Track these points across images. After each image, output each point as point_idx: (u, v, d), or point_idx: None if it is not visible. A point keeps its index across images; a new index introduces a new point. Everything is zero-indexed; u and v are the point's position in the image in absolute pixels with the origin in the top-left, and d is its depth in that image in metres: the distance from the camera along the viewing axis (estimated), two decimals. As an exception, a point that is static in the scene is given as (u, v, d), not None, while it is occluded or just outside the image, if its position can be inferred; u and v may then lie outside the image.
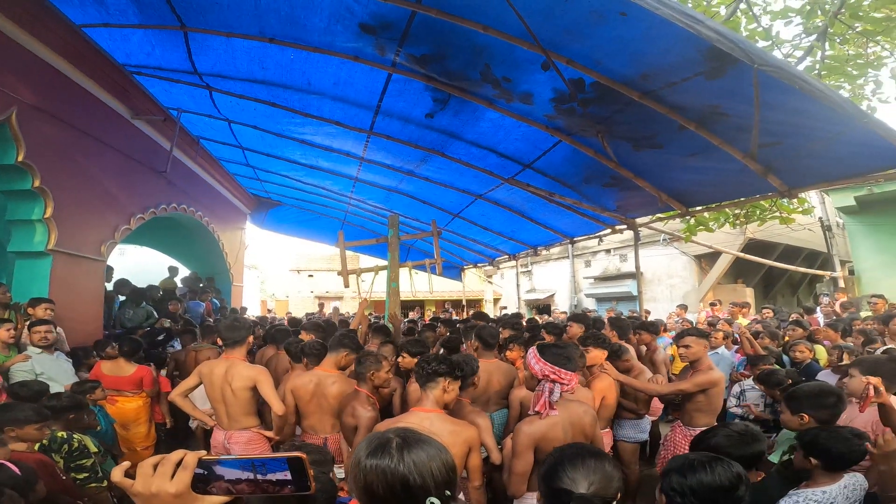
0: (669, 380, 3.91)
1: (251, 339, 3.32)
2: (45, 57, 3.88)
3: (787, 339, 4.97)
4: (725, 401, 3.70)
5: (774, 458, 2.44)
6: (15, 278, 4.13)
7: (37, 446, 2.43)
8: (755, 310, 8.84)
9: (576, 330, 4.38)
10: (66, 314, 4.19)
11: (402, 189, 6.88)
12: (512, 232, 7.82)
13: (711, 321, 6.96)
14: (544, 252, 10.35)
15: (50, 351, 3.61)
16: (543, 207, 6.27)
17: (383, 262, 5.86)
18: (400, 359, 3.53)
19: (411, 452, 0.99)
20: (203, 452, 0.71)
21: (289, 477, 0.68)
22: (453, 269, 11.89)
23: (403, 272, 6.03)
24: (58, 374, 3.44)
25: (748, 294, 12.58)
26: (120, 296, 6.33)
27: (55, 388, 3.23)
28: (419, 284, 8.57)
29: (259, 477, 0.68)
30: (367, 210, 8.50)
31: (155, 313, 6.30)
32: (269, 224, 10.67)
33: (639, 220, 6.35)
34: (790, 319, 5.87)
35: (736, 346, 5.33)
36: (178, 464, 0.69)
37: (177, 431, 4.61)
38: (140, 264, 10.07)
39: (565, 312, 12.19)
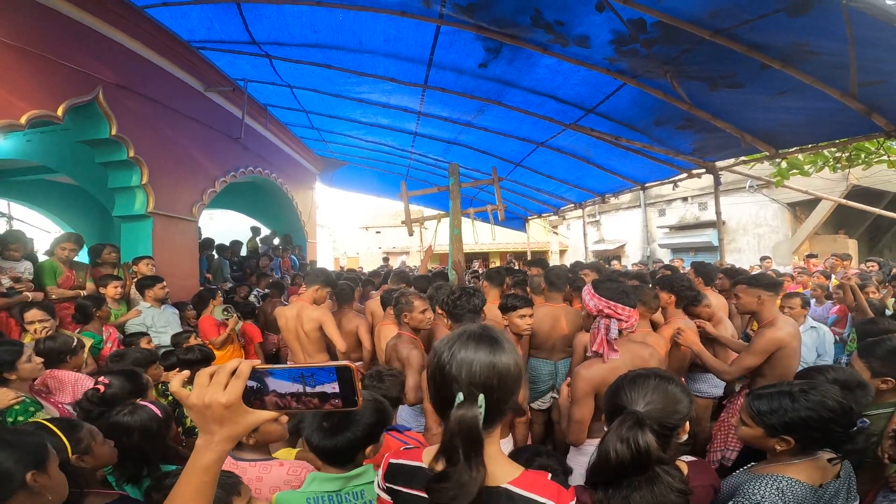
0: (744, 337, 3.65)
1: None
2: (120, 40, 4.20)
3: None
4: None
5: None
6: (122, 240, 4.72)
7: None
8: (857, 263, 7.90)
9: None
10: (168, 270, 4.72)
11: (462, 140, 6.83)
12: (577, 179, 7.53)
13: (801, 273, 6.39)
14: (613, 200, 9.85)
15: (157, 305, 4.04)
16: (609, 152, 5.93)
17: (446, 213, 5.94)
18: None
19: (468, 343, 0.96)
20: (257, 361, 0.71)
21: (336, 389, 0.67)
22: (517, 220, 11.72)
23: (466, 222, 6.08)
24: (165, 325, 3.92)
25: (850, 246, 11.15)
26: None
27: (164, 338, 3.76)
28: (483, 236, 8.60)
29: (307, 389, 0.67)
30: (429, 164, 8.56)
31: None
32: (337, 182, 11.12)
33: (719, 164, 5.84)
34: (892, 273, 5.23)
35: (829, 301, 4.92)
36: (233, 374, 0.69)
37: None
38: (228, 226, 11.10)
39: (638, 264, 11.68)
